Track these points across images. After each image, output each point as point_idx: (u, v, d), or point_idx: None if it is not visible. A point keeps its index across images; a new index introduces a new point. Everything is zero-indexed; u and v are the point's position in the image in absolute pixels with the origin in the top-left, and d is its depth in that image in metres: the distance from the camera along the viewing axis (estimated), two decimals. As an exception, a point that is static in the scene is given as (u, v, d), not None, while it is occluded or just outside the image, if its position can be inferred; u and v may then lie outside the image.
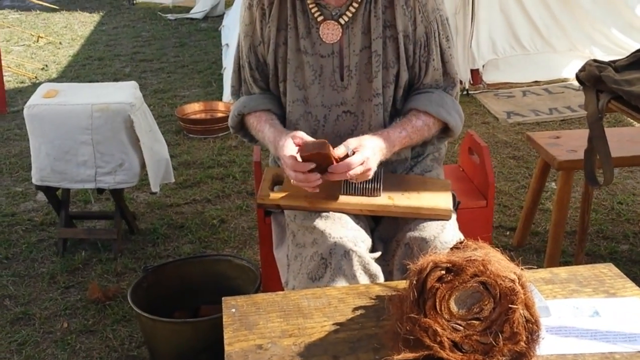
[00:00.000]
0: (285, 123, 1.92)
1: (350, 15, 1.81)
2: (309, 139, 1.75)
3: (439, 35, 1.85)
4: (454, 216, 1.86)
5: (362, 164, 1.70)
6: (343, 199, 1.82)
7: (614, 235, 3.08)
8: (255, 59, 1.91)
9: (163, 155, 3.09)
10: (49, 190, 2.99)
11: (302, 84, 1.87)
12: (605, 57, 4.75)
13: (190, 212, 3.42)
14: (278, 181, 1.96)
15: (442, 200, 1.85)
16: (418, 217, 1.81)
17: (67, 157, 2.84)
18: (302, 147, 1.70)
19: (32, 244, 3.13)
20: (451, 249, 1.16)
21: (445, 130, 1.91)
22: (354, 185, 1.82)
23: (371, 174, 1.75)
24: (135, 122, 2.82)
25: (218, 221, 3.31)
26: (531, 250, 2.98)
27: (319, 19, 1.82)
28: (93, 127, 2.80)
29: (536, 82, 5.06)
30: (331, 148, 1.68)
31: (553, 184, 3.48)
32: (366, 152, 1.71)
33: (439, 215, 1.82)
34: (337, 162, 1.70)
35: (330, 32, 1.82)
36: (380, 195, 1.83)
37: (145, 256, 3.01)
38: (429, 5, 1.82)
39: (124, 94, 2.90)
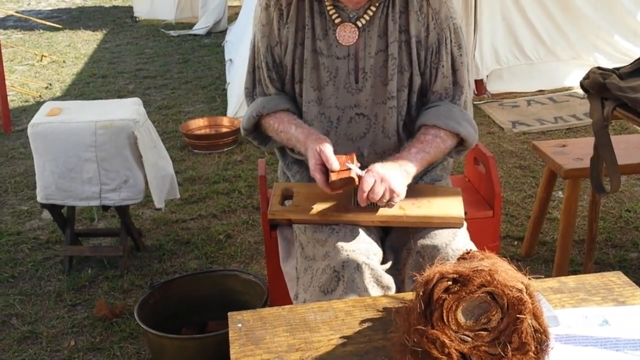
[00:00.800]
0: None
1: (367, 18, 1.82)
2: (331, 155, 1.72)
3: (450, 42, 1.86)
4: (465, 224, 1.85)
5: (370, 188, 1.67)
6: (354, 211, 1.82)
7: (622, 243, 3.05)
8: (272, 60, 1.91)
9: (168, 171, 3.08)
10: (54, 209, 2.99)
11: (317, 84, 1.87)
12: (609, 65, 4.77)
13: (196, 227, 3.41)
14: (287, 195, 1.95)
15: (454, 208, 1.84)
16: (430, 226, 1.81)
17: (72, 175, 2.84)
18: (331, 185, 1.71)
19: (38, 262, 3.13)
20: (458, 259, 1.15)
21: (460, 141, 1.90)
22: None
23: (397, 198, 1.72)
24: (139, 138, 2.83)
25: (224, 236, 3.30)
26: (539, 260, 2.96)
27: (337, 20, 1.83)
28: (97, 144, 2.80)
29: (540, 91, 5.06)
30: (354, 173, 1.68)
31: (560, 192, 3.46)
32: (371, 175, 1.69)
33: (451, 224, 1.81)
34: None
35: (347, 35, 1.83)
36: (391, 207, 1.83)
37: (152, 272, 3.01)
38: (442, 12, 1.84)
39: (127, 110, 2.91)
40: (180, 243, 3.26)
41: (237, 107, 4.73)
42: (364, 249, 1.74)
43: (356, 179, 1.70)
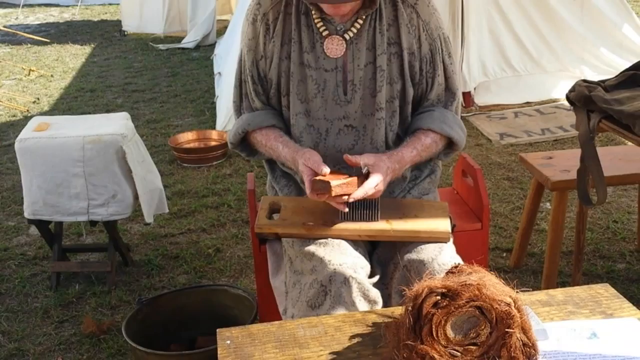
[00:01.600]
0: (291, 136, 1.94)
1: (355, 31, 1.84)
2: (319, 163, 1.75)
3: (442, 52, 1.90)
4: (451, 238, 1.86)
5: (375, 186, 1.74)
6: (341, 225, 1.82)
7: (610, 254, 3.07)
8: (257, 73, 1.93)
9: (156, 185, 3.07)
10: (41, 224, 2.97)
11: (305, 97, 1.89)
12: (595, 77, 4.82)
13: (185, 242, 3.40)
14: (275, 209, 1.95)
15: (440, 223, 1.85)
16: (417, 240, 1.81)
17: (59, 190, 2.83)
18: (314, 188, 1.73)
19: (25, 279, 3.10)
20: (446, 273, 1.15)
21: (450, 144, 1.95)
22: (352, 211, 1.82)
23: (378, 195, 1.77)
24: (128, 153, 2.82)
25: (213, 250, 3.29)
26: (528, 271, 2.97)
27: (324, 33, 1.84)
28: (85, 159, 2.79)
29: (527, 103, 5.09)
30: (332, 184, 1.70)
31: (548, 204, 3.47)
32: (380, 175, 1.75)
33: (437, 238, 1.82)
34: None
35: (334, 47, 1.85)
36: (378, 220, 1.83)
37: (140, 288, 2.99)
38: (432, 23, 1.87)
39: (115, 125, 2.90)
40: (169, 258, 3.24)
41: (226, 120, 4.73)
42: (351, 263, 1.74)
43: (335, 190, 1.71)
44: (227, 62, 5.35)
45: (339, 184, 1.72)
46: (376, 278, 1.80)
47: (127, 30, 8.41)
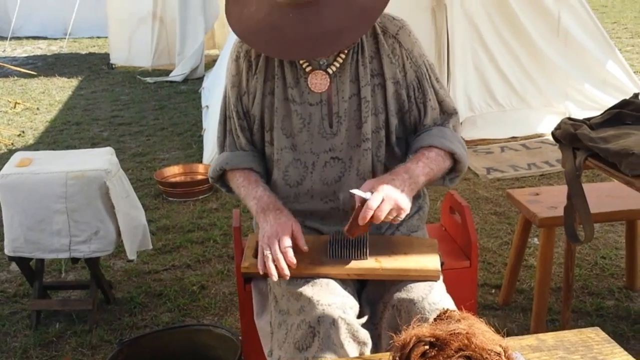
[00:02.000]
0: (271, 177, 1.94)
1: (338, 65, 1.85)
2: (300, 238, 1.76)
3: (429, 77, 1.91)
4: (441, 276, 1.84)
5: (378, 205, 1.67)
6: (330, 263, 1.79)
7: (599, 290, 3.04)
8: (242, 108, 1.94)
9: (140, 221, 3.03)
10: (22, 261, 2.91)
11: (290, 131, 1.89)
12: (580, 112, 4.86)
13: (169, 278, 3.34)
14: None
15: (430, 260, 1.82)
16: (406, 279, 1.79)
17: (41, 227, 2.78)
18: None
19: (5, 317, 3.02)
20: (435, 320, 1.12)
21: (453, 165, 1.91)
22: (340, 249, 1.80)
23: (406, 204, 1.71)
24: (111, 188, 2.78)
25: (198, 287, 3.23)
26: (517, 308, 2.94)
27: (307, 69, 1.86)
28: (67, 195, 2.75)
29: (513, 137, 5.11)
30: (358, 196, 1.70)
31: (535, 239, 3.46)
32: (379, 193, 1.68)
33: (427, 277, 1.79)
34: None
35: (318, 82, 1.85)
36: (367, 259, 1.81)
37: (122, 327, 2.92)
38: (415, 51, 1.89)
39: (99, 160, 2.87)
40: (152, 295, 3.19)
41: (213, 153, 4.70)
42: (340, 303, 1.71)
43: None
44: (215, 95, 5.34)
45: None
46: (365, 318, 1.77)
47: (115, 63, 8.41)
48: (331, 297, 1.72)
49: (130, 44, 8.21)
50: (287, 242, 1.73)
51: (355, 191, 1.70)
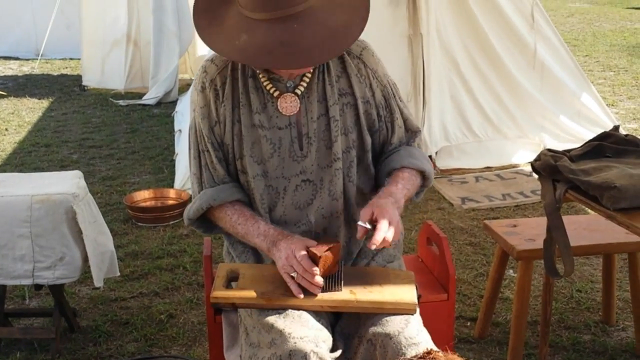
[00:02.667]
0: (252, 204, 1.90)
1: (305, 85, 1.83)
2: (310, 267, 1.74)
3: (394, 96, 1.94)
4: (417, 309, 1.79)
5: (390, 223, 1.72)
6: (304, 294, 1.73)
7: (575, 324, 3.01)
8: (216, 139, 1.88)
9: (108, 247, 2.93)
10: (-18, 287, 2.79)
11: (260, 158, 1.85)
12: (555, 144, 4.88)
13: (136, 306, 3.23)
14: (233, 277, 1.86)
15: (406, 293, 1.78)
16: (382, 312, 1.75)
17: (3, 252, 2.67)
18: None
19: (-38, 345, 2.90)
20: (418, 359, 1.05)
21: (422, 180, 1.96)
22: None
23: (399, 228, 1.76)
24: (79, 213, 2.69)
25: (166, 316, 3.13)
26: (493, 342, 2.89)
27: (275, 94, 1.83)
28: (32, 219, 2.65)
29: (488, 167, 5.11)
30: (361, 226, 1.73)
31: (511, 271, 3.42)
32: (384, 216, 1.73)
33: (403, 310, 1.75)
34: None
35: (288, 105, 1.83)
36: (341, 290, 1.76)
37: (86, 357, 2.81)
38: (379, 71, 1.91)
39: (66, 184, 2.78)
40: (118, 324, 3.07)
41: (185, 178, 4.62)
42: (312, 336, 1.66)
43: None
44: (188, 119, 5.27)
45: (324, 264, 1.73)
46: (338, 352, 1.72)
47: (87, 85, 8.29)
48: (303, 330, 1.67)
49: (103, 66, 8.11)
50: (302, 252, 1.72)
51: (360, 223, 1.74)
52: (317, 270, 1.71)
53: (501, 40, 5.04)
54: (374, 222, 1.73)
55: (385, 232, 1.70)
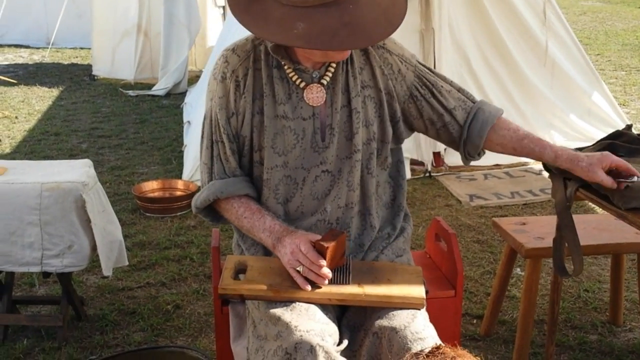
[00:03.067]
0: (262, 196, 1.89)
1: (330, 75, 1.83)
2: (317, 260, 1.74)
3: (429, 71, 1.95)
4: (425, 305, 1.80)
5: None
6: (312, 287, 1.74)
7: (582, 324, 3.00)
8: (231, 131, 1.87)
9: (116, 236, 2.94)
10: (-10, 274, 2.80)
11: (283, 149, 1.84)
12: (565, 142, 4.86)
13: (143, 296, 3.24)
14: (241, 269, 1.86)
15: (415, 288, 1.78)
16: (389, 306, 1.75)
17: (13, 239, 2.68)
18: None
19: (-30, 331, 2.91)
20: (427, 355, 1.05)
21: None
22: None
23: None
24: (88, 202, 2.69)
25: (173, 307, 3.14)
26: (499, 340, 2.88)
27: (302, 85, 1.82)
28: (42, 207, 2.65)
29: (497, 165, 5.09)
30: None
31: (518, 269, 3.42)
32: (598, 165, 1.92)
33: (411, 305, 1.76)
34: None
35: (314, 96, 1.83)
36: (349, 284, 1.75)
37: (92, 345, 2.82)
38: (406, 53, 1.93)
39: (76, 172, 2.78)
40: (125, 313, 3.08)
41: (193, 170, 4.63)
42: (319, 330, 1.66)
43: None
44: (197, 111, 5.28)
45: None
46: (344, 345, 1.72)
47: (97, 74, 8.31)
48: (310, 323, 1.67)
49: (113, 56, 8.12)
50: (308, 246, 1.72)
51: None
52: (323, 262, 1.71)
53: (513, 37, 5.02)
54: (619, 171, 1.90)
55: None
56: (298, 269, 1.73)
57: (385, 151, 1.93)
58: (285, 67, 1.82)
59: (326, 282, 1.73)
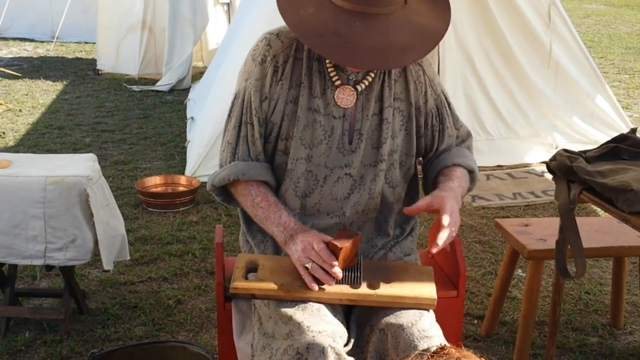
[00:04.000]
0: (282, 186, 1.88)
1: (367, 83, 1.84)
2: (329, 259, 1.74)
3: (447, 105, 1.96)
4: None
5: (450, 223, 1.74)
6: (317, 287, 1.73)
7: (582, 326, 3.00)
8: (262, 115, 1.86)
9: (119, 231, 2.94)
10: (-6, 266, 2.81)
11: (310, 142, 1.84)
12: (567, 145, 4.86)
13: (144, 291, 3.25)
14: (252, 268, 1.84)
15: (426, 288, 1.79)
16: (401, 306, 1.75)
17: (16, 232, 2.69)
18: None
19: (-28, 323, 2.91)
20: (432, 355, 1.06)
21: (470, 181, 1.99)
22: None
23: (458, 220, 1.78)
24: (91, 196, 2.70)
25: (174, 302, 3.15)
26: (500, 341, 2.88)
27: (337, 83, 1.82)
28: (46, 200, 2.66)
29: (499, 166, 5.09)
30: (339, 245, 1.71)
31: (519, 270, 3.42)
32: (447, 207, 1.75)
33: (423, 305, 1.76)
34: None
35: (344, 97, 1.83)
36: (360, 284, 1.75)
37: (94, 339, 2.82)
38: (436, 80, 1.94)
39: (80, 166, 2.79)
40: (127, 307, 3.09)
41: (196, 166, 4.63)
42: (330, 331, 1.67)
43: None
44: (201, 107, 5.28)
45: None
46: (351, 344, 1.72)
47: (102, 69, 8.32)
48: (322, 325, 1.67)
49: (118, 51, 8.13)
50: (321, 244, 1.72)
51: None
52: (336, 262, 1.71)
53: (517, 39, 5.02)
54: (432, 211, 1.77)
55: (450, 228, 1.72)
56: (307, 265, 1.72)
57: (409, 163, 1.94)
58: (326, 62, 1.82)
59: (333, 282, 1.72)
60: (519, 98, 5.12)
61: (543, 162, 4.97)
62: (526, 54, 5.08)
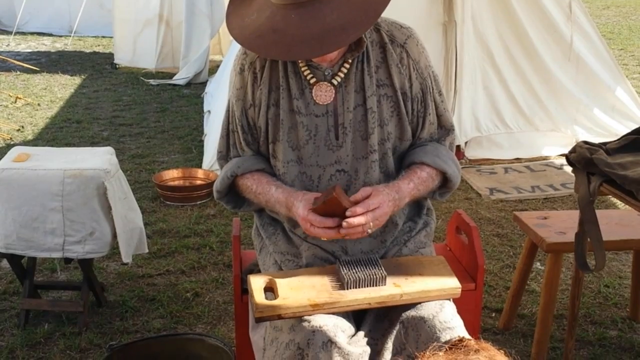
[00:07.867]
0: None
1: (342, 75, 1.81)
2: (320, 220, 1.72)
3: (432, 90, 1.89)
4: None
5: (378, 207, 1.69)
6: (349, 294, 1.71)
7: (602, 320, 2.97)
8: (247, 122, 1.89)
9: (137, 224, 2.96)
10: (13, 258, 2.83)
11: (296, 144, 1.84)
12: (587, 138, 4.80)
13: (162, 284, 3.27)
14: (269, 288, 1.79)
15: (447, 278, 1.78)
16: (428, 300, 1.74)
17: (35, 225, 2.71)
18: (313, 202, 1.70)
19: (-7, 315, 2.95)
20: (450, 347, 1.05)
21: (445, 181, 1.92)
22: (357, 277, 1.72)
23: (384, 220, 1.73)
24: (109, 189, 2.71)
25: (192, 294, 3.16)
26: (518, 334, 2.87)
27: (312, 81, 1.81)
28: (64, 193, 2.68)
29: (517, 159, 5.05)
30: (341, 192, 1.66)
31: (538, 263, 3.39)
32: (380, 196, 1.71)
33: (449, 295, 1.76)
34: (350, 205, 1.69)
35: (323, 94, 1.81)
36: (385, 284, 1.74)
37: (112, 331, 2.84)
38: (422, 62, 1.86)
39: (98, 160, 2.80)
40: (145, 300, 3.11)
41: (214, 159, 4.63)
42: (332, 325, 1.66)
43: (342, 199, 1.68)
44: (217, 100, 5.28)
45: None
46: (359, 338, 1.71)
47: (119, 63, 8.35)
48: (323, 318, 1.66)
49: (135, 45, 8.15)
50: (310, 217, 1.70)
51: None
52: (329, 221, 1.69)
53: (537, 31, 4.95)
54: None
55: (367, 207, 1.67)
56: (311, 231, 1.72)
57: (404, 148, 1.90)
58: (299, 62, 1.82)
59: (334, 232, 1.70)
60: (538, 91, 5.05)
61: (562, 155, 4.92)
62: (547, 46, 5.00)
